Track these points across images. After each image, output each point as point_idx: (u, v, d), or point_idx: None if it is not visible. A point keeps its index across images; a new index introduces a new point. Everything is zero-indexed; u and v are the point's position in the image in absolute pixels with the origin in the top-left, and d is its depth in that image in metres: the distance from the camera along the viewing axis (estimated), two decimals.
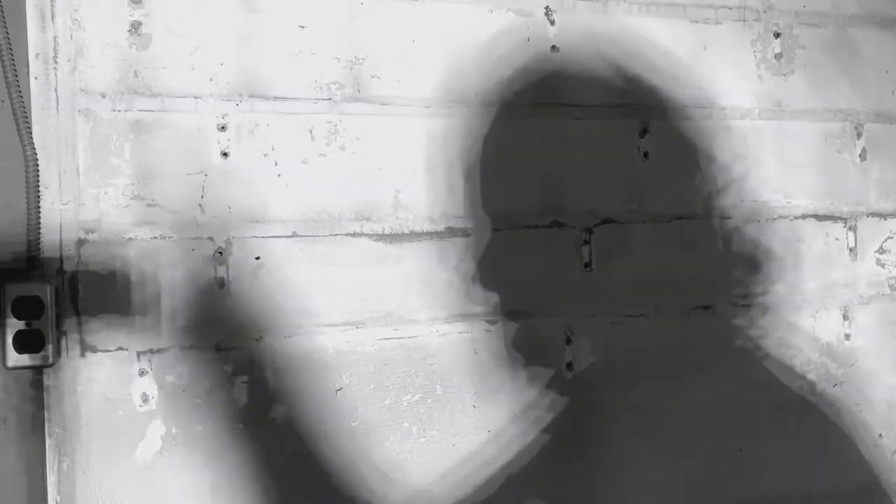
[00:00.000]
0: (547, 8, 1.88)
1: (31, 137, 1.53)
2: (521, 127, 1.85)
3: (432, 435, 1.79)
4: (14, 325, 1.46)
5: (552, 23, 1.88)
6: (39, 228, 1.53)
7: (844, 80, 2.14)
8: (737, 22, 2.04)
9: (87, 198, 1.57)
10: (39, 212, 1.53)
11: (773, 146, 2.06)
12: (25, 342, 1.47)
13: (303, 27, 1.71)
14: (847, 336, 2.12)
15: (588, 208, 1.90)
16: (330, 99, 1.73)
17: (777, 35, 2.07)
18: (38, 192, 1.53)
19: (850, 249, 2.13)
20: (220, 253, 1.65)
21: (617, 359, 1.91)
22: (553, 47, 1.88)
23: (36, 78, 1.55)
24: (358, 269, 1.74)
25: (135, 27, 1.61)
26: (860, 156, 2.15)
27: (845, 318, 2.12)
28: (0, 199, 1.52)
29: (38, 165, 1.53)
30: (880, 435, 2.15)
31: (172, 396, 1.61)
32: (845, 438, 2.10)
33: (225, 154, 1.66)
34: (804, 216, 2.08)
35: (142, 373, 1.60)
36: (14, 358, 1.46)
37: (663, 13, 1.97)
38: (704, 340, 1.98)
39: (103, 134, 1.59)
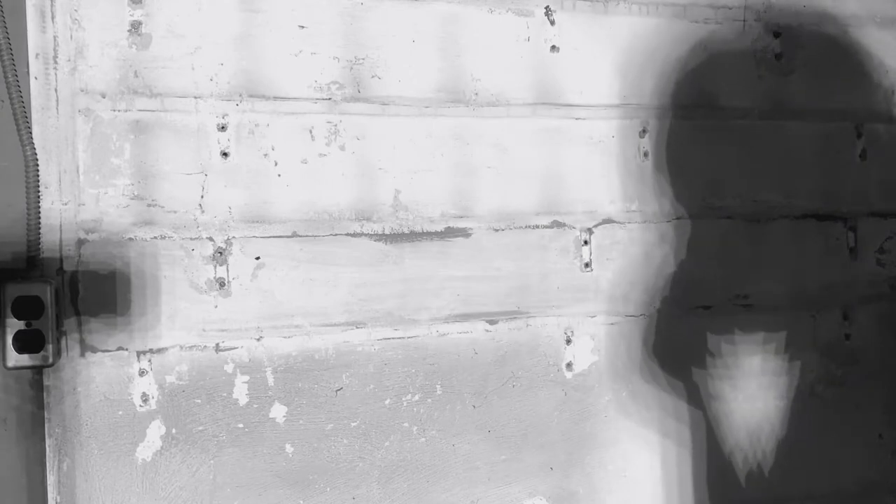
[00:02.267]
0: (547, 8, 1.88)
1: (31, 137, 1.53)
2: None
3: (432, 435, 1.79)
4: (14, 325, 1.46)
5: (552, 23, 1.88)
6: (39, 228, 1.53)
7: (844, 80, 2.14)
8: (737, 22, 2.04)
9: (87, 198, 1.57)
10: (39, 212, 1.53)
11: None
12: (25, 342, 1.47)
13: (303, 27, 1.71)
14: (847, 336, 2.12)
15: (587, 208, 1.90)
16: (330, 99, 1.73)
17: (777, 35, 2.07)
18: (38, 192, 1.53)
19: (851, 249, 2.13)
20: (220, 253, 1.65)
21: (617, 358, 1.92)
22: (553, 47, 1.88)
23: (36, 78, 1.55)
24: (358, 269, 1.74)
25: (135, 27, 1.61)
26: (860, 156, 2.15)
27: (845, 317, 2.12)
28: (0, 199, 1.52)
29: (38, 165, 1.53)
30: (880, 435, 2.15)
31: (172, 396, 1.61)
32: (845, 438, 2.10)
33: (225, 154, 1.66)
34: (804, 216, 2.09)
35: (142, 373, 1.60)
36: (14, 358, 1.46)
37: (663, 13, 1.97)
38: (703, 340, 1.98)
39: (103, 134, 1.59)
